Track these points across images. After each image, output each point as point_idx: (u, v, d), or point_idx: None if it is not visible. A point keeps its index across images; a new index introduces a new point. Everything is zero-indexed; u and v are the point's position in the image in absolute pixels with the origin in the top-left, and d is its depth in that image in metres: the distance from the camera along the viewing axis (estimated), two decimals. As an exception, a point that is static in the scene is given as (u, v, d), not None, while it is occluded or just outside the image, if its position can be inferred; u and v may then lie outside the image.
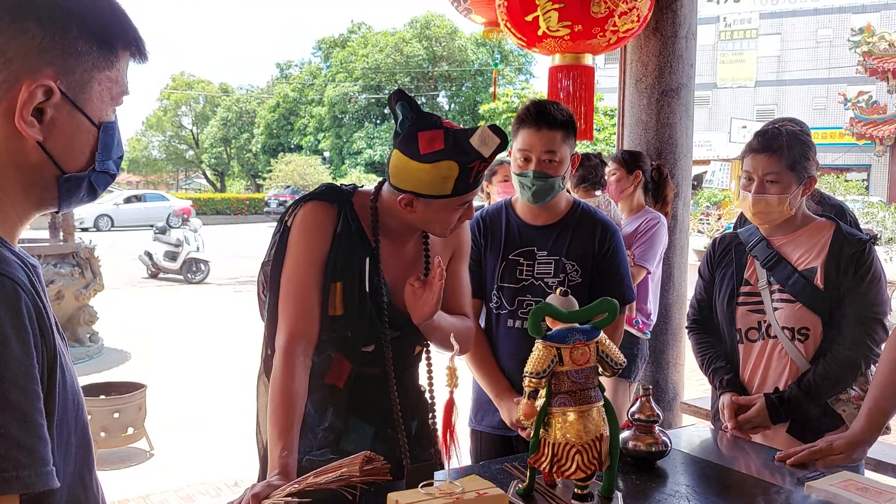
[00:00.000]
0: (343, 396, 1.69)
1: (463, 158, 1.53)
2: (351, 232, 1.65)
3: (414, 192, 1.58)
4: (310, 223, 1.64)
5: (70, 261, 6.70)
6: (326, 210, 1.66)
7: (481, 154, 1.53)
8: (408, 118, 1.57)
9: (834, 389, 2.00)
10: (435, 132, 1.54)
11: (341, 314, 1.64)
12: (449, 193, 1.57)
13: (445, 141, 1.54)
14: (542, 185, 2.05)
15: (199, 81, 45.02)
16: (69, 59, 0.82)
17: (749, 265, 2.14)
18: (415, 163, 1.54)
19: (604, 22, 2.75)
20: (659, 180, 3.29)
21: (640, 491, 1.56)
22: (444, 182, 1.55)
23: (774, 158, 2.01)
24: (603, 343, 1.40)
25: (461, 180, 1.55)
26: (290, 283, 1.62)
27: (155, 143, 45.44)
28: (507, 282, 2.15)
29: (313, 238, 1.63)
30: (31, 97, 0.80)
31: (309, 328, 1.60)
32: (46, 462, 0.75)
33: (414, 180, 1.56)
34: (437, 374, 1.70)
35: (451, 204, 1.60)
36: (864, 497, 1.47)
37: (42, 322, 0.80)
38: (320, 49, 40.75)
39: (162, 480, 4.13)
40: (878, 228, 10.52)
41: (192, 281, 12.15)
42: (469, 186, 1.58)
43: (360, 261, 1.65)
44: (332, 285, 1.63)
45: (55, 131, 0.83)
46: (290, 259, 1.63)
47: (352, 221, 1.66)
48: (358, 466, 1.30)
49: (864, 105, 21.48)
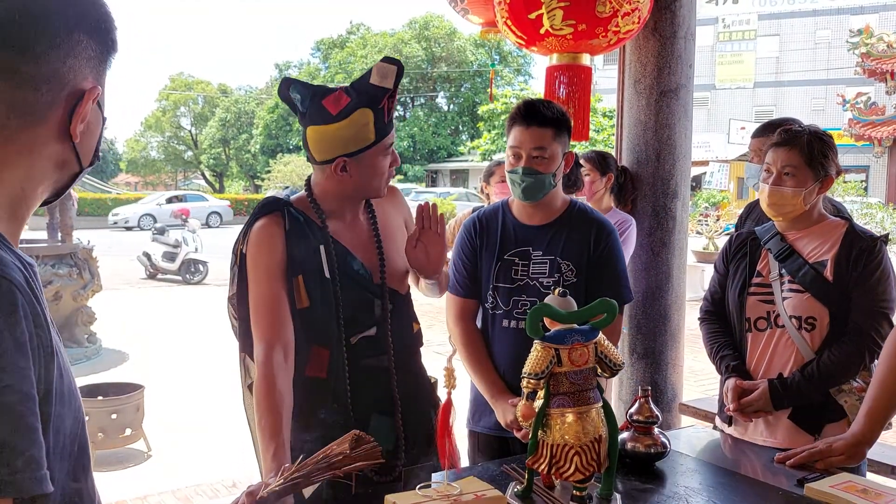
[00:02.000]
0: (329, 386, 1.71)
1: (372, 101, 1.63)
2: (300, 224, 1.71)
3: (342, 154, 1.65)
4: (262, 237, 1.69)
5: (68, 261, 6.69)
6: (273, 220, 1.71)
7: (385, 87, 1.62)
8: (306, 95, 1.65)
9: (837, 379, 2.02)
10: (336, 94, 1.64)
11: (307, 305, 1.69)
12: (374, 139, 1.65)
13: (349, 94, 1.63)
14: (531, 182, 2.07)
15: (198, 82, 45.01)
16: (101, 66, 0.89)
17: (763, 258, 2.19)
18: (331, 126, 1.63)
19: (607, 22, 2.75)
20: (623, 182, 3.32)
21: (638, 492, 1.55)
22: (365, 130, 1.63)
23: (794, 152, 2.07)
24: (601, 344, 1.40)
25: (378, 122, 1.64)
26: (258, 298, 1.66)
27: (153, 144, 45.41)
28: (503, 282, 2.15)
29: (269, 249, 1.68)
30: (87, 105, 0.86)
31: (284, 334, 1.63)
32: (41, 466, 0.74)
33: (337, 142, 1.64)
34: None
35: (379, 151, 1.68)
36: (863, 499, 1.46)
37: (38, 323, 0.79)
38: (319, 50, 40.77)
39: (160, 481, 4.12)
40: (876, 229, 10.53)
41: (191, 282, 12.14)
42: (387, 127, 1.67)
43: (316, 249, 1.70)
44: (293, 281, 1.68)
45: (87, 133, 0.89)
46: (252, 277, 1.68)
47: (298, 215, 1.72)
48: (347, 446, 1.28)
49: (862, 106, 21.50)
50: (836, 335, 2.03)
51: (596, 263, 2.14)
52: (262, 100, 41.83)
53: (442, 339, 2.13)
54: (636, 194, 3.33)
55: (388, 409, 1.75)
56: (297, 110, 1.68)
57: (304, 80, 23.58)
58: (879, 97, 22.05)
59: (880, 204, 16.20)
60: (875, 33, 20.63)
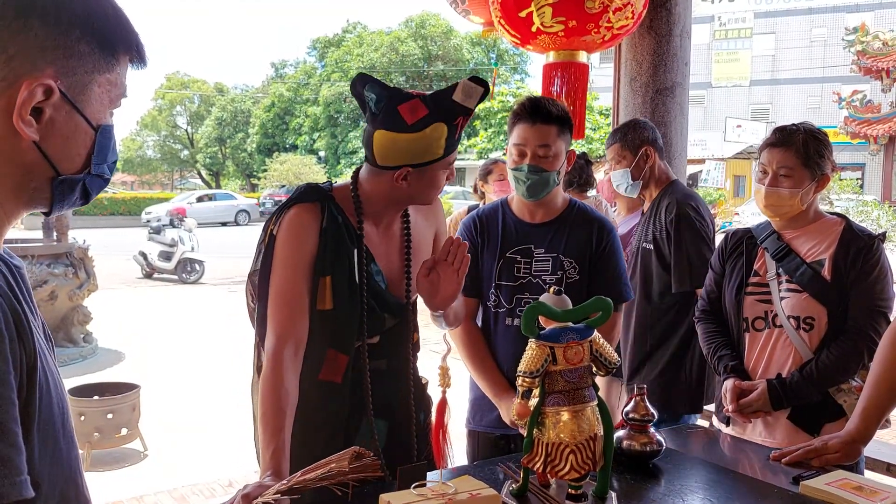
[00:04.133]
0: (345, 392, 1.68)
1: (448, 117, 1.59)
2: (337, 224, 1.66)
3: (409, 164, 1.61)
4: (295, 227, 1.64)
5: (64, 261, 6.66)
6: (310, 210, 1.66)
7: (466, 107, 1.59)
8: (382, 96, 1.60)
9: (836, 379, 2.02)
10: (413, 102, 1.58)
11: (331, 308, 1.65)
12: (441, 154, 1.62)
13: (427, 106, 1.58)
14: (536, 180, 2.06)
15: (194, 81, 44.94)
16: (70, 60, 0.81)
17: (759, 257, 2.18)
18: (404, 135, 1.58)
19: (598, 18, 2.74)
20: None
21: (634, 491, 1.55)
22: (436, 145, 1.60)
23: (790, 153, 2.06)
24: (597, 342, 1.39)
25: (449, 138, 1.61)
26: (278, 288, 1.62)
27: (150, 143, 45.34)
28: (505, 280, 2.15)
29: (299, 241, 1.63)
30: (30, 96, 0.78)
31: (298, 330, 1.60)
32: (21, 471, 0.73)
33: (406, 153, 1.60)
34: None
35: (442, 165, 1.66)
36: (859, 496, 1.46)
37: (20, 326, 0.78)
38: (315, 48, 40.72)
39: (156, 481, 4.11)
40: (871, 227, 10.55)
41: (187, 281, 12.11)
42: (455, 143, 1.65)
43: (349, 252, 1.66)
44: (320, 280, 1.64)
45: (53, 132, 0.81)
46: (277, 265, 1.64)
47: (337, 214, 1.67)
48: (346, 462, 1.29)
49: (858, 104, 21.54)
50: (835, 335, 2.02)
51: (597, 261, 2.14)
52: (258, 99, 41.78)
53: (437, 337, 2.12)
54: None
55: (381, 412, 1.73)
56: (369, 109, 1.63)
57: (302, 78, 23.43)
58: (875, 95, 22.08)
59: (876, 202, 16.23)
60: (871, 31, 20.68)
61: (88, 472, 4.12)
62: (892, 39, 20.41)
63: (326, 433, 1.67)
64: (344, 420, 1.69)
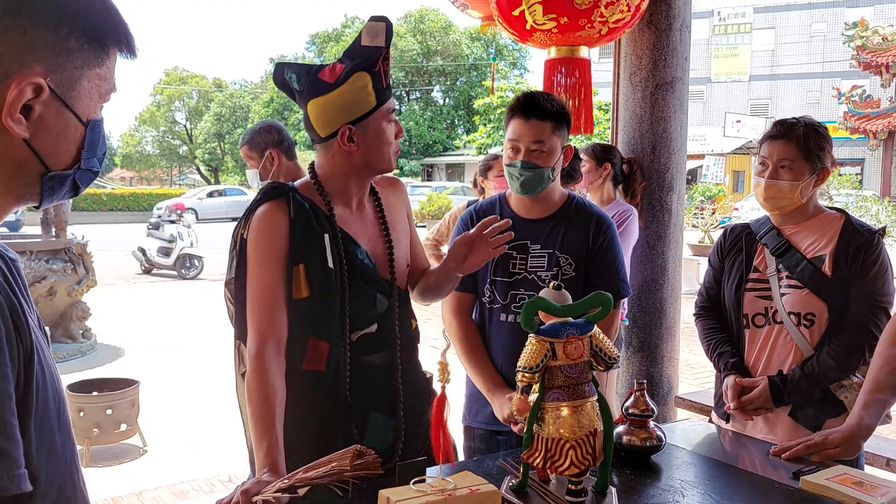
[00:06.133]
0: (330, 379, 1.67)
1: (366, 63, 1.61)
2: (305, 211, 1.66)
3: (346, 121, 1.63)
4: (264, 225, 1.65)
5: (62, 256, 6.66)
6: (277, 206, 1.66)
7: (377, 46, 1.61)
8: (301, 72, 1.65)
9: (837, 375, 2.01)
10: (330, 65, 1.63)
11: (307, 295, 1.64)
12: (375, 103, 1.63)
13: (343, 62, 1.62)
14: (530, 176, 2.05)
15: (193, 76, 44.89)
16: (60, 57, 0.80)
17: (759, 253, 2.17)
18: (330, 95, 1.61)
19: (589, 13, 2.72)
20: (629, 174, 3.31)
21: (634, 486, 1.55)
22: (364, 94, 1.62)
23: (790, 145, 2.05)
24: (597, 337, 1.39)
25: (377, 85, 1.62)
26: (255, 288, 1.62)
27: (148, 139, 45.31)
28: (501, 275, 2.14)
29: (270, 238, 1.64)
30: (20, 94, 0.78)
31: (278, 328, 1.60)
32: (19, 465, 0.73)
33: (339, 110, 1.62)
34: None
35: (382, 116, 1.66)
36: (859, 491, 1.46)
37: (17, 318, 0.78)
38: (314, 43, 40.65)
39: (155, 477, 4.11)
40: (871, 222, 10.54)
41: (186, 277, 12.10)
42: (386, 91, 1.65)
43: (320, 238, 1.66)
44: (294, 269, 1.64)
45: (43, 129, 0.81)
46: (251, 265, 1.64)
47: (303, 201, 1.68)
48: (348, 460, 1.29)
49: (857, 99, 21.52)
50: (835, 330, 2.02)
51: (594, 257, 2.12)
52: (257, 94, 41.72)
53: (437, 333, 2.12)
54: (646, 184, 3.31)
55: (386, 408, 1.73)
56: (295, 91, 1.66)
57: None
58: (874, 90, 22.06)
59: (875, 197, 16.22)
60: (870, 26, 20.67)
61: (88, 467, 4.12)
62: (891, 34, 20.40)
63: (319, 423, 1.67)
64: (342, 413, 1.68)
